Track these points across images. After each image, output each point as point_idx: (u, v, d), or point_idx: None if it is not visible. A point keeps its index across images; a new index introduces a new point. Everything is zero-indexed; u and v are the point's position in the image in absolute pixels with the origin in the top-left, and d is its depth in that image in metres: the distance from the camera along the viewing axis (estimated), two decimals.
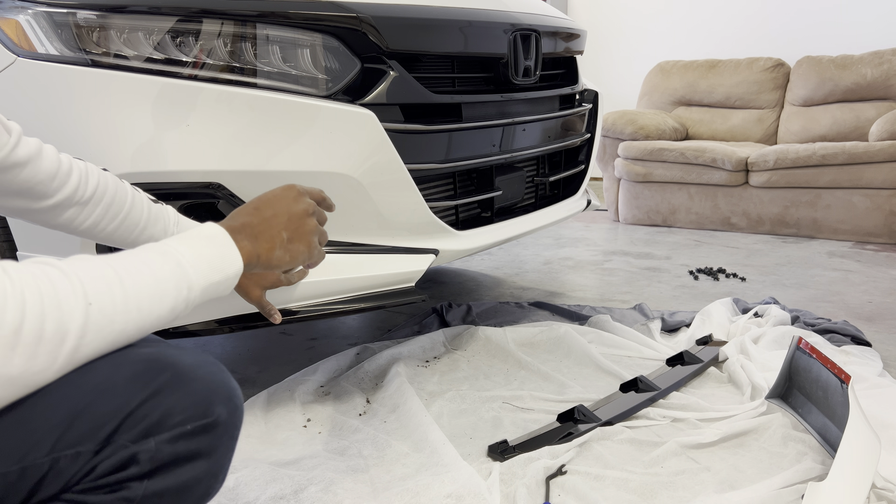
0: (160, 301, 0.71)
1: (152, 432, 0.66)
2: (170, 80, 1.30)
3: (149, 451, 0.65)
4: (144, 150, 1.29)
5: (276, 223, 0.90)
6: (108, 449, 0.64)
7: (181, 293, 0.74)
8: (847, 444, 1.19)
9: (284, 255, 0.90)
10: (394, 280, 1.50)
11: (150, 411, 0.66)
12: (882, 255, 3.13)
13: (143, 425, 0.65)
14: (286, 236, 0.91)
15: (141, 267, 0.71)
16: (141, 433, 0.65)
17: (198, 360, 0.72)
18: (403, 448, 1.39)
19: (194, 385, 0.69)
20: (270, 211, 0.91)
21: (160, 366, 0.68)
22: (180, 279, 0.74)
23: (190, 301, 0.76)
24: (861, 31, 4.38)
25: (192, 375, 0.69)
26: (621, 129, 3.98)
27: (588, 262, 3.06)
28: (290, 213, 0.92)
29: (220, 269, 0.80)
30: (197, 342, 2.08)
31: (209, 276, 0.78)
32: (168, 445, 0.66)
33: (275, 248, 0.89)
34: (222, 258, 0.81)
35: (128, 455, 0.65)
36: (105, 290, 0.66)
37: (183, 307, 0.75)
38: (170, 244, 0.77)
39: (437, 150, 1.59)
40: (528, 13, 1.83)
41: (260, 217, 0.90)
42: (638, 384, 1.63)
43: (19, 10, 1.31)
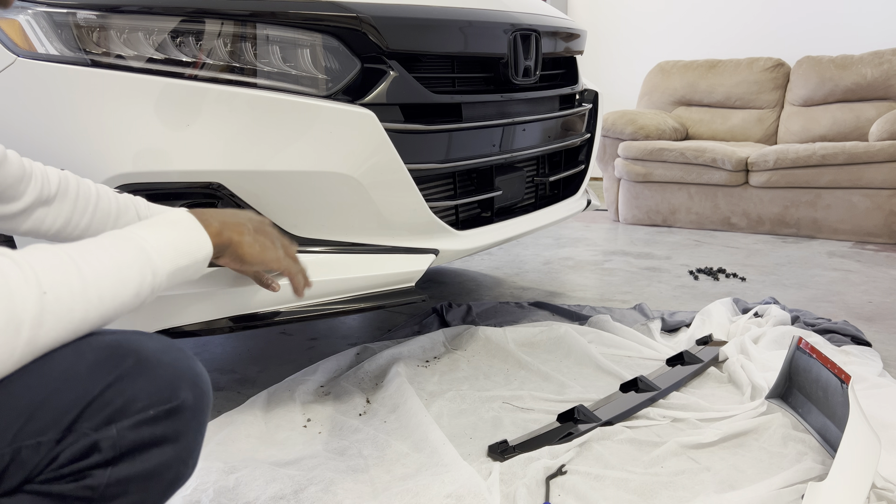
0: (123, 287, 0.71)
1: (114, 419, 0.65)
2: (170, 80, 1.30)
3: (110, 438, 0.65)
4: (144, 151, 1.29)
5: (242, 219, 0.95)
6: (70, 437, 0.64)
7: (145, 278, 0.74)
8: (847, 444, 1.19)
9: (254, 243, 0.92)
10: (394, 280, 1.50)
11: (113, 398, 0.65)
12: (882, 255, 3.13)
13: (106, 412, 0.65)
14: (251, 227, 0.93)
15: (100, 254, 0.71)
16: (103, 420, 0.65)
17: (162, 346, 0.71)
18: (403, 448, 1.39)
19: (158, 370, 0.68)
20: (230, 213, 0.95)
21: (123, 352, 0.68)
22: (144, 264, 0.74)
23: (156, 286, 0.76)
24: (861, 31, 4.38)
25: (155, 361, 0.69)
26: (621, 129, 3.98)
27: (588, 262, 3.06)
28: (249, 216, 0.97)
29: (188, 253, 0.80)
30: (197, 342, 2.08)
31: (175, 260, 0.78)
32: (131, 432, 0.66)
33: (244, 234, 0.91)
34: (189, 241, 0.81)
35: (89, 443, 0.64)
36: (61, 278, 0.66)
37: (148, 292, 0.75)
38: (133, 230, 0.77)
39: (437, 150, 1.59)
40: (528, 13, 1.83)
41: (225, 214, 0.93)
42: (638, 384, 1.63)
43: (19, 10, 1.31)
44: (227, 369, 1.88)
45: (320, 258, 1.43)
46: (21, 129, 1.32)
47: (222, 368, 1.89)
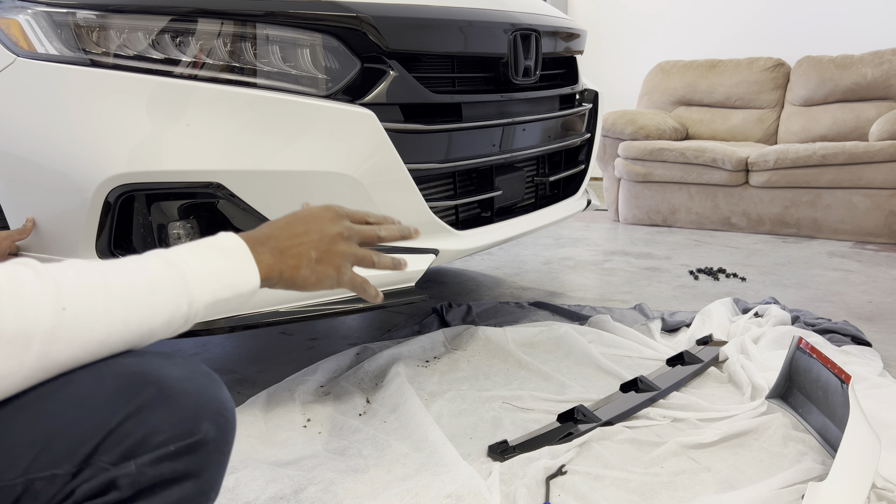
0: (153, 314, 0.67)
1: (133, 454, 0.61)
2: (170, 80, 1.30)
3: (129, 476, 0.61)
4: (144, 150, 1.29)
5: (307, 241, 0.84)
6: (87, 472, 0.60)
7: (180, 308, 0.70)
8: (847, 444, 1.19)
9: (311, 275, 0.84)
10: (394, 280, 1.50)
11: (132, 430, 0.61)
12: (882, 255, 3.13)
13: (124, 446, 0.61)
14: (314, 255, 0.84)
15: (137, 275, 0.67)
16: (121, 455, 0.61)
17: (186, 373, 0.67)
18: (403, 448, 1.39)
19: (180, 401, 0.64)
20: (302, 227, 0.84)
21: (144, 380, 0.64)
22: (180, 293, 0.70)
23: (191, 317, 0.72)
24: (861, 31, 4.38)
25: (178, 390, 0.65)
26: (621, 129, 3.98)
27: (588, 262, 3.06)
28: (323, 232, 0.85)
29: (231, 286, 0.75)
30: (197, 342, 2.08)
31: (217, 292, 0.73)
32: (151, 468, 0.62)
33: (301, 267, 0.82)
34: (236, 274, 0.75)
35: (107, 479, 0.60)
36: (85, 296, 0.63)
37: (181, 322, 0.71)
38: (178, 252, 0.72)
39: (437, 150, 1.58)
40: (528, 13, 1.83)
41: (290, 232, 0.83)
42: (638, 384, 1.62)
43: (19, 10, 1.31)
44: (227, 369, 1.88)
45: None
46: (21, 129, 1.32)
47: (222, 368, 1.88)
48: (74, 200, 1.31)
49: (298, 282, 0.83)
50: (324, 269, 0.85)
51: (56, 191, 1.32)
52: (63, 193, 1.32)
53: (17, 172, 1.34)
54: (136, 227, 1.35)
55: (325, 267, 0.85)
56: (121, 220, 1.34)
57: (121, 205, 1.32)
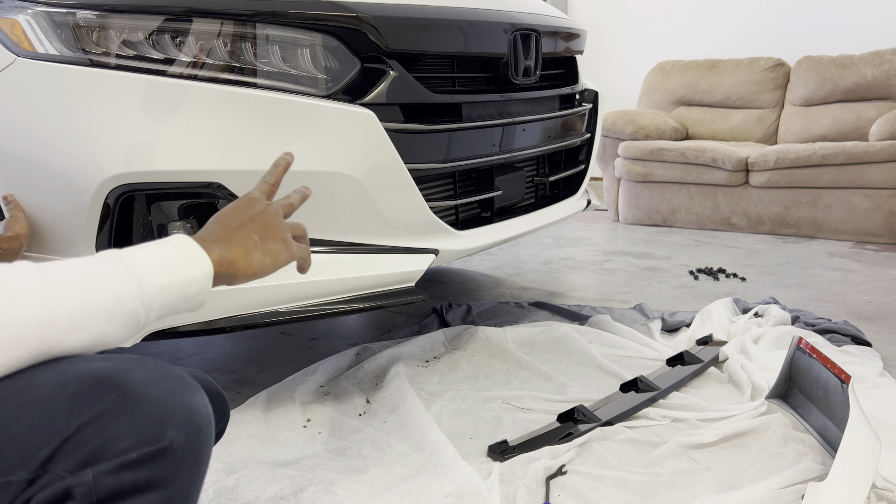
0: (96, 290, 0.66)
1: (91, 462, 0.59)
2: (170, 80, 1.30)
3: (85, 485, 0.58)
4: (144, 150, 1.29)
5: (242, 228, 0.84)
6: (43, 479, 0.58)
7: (128, 287, 0.68)
8: (847, 444, 1.19)
9: (264, 256, 0.84)
10: (394, 280, 1.50)
11: (91, 437, 0.59)
12: (882, 255, 3.13)
13: (82, 453, 0.59)
14: (256, 238, 0.84)
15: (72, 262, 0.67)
16: (78, 462, 0.58)
17: (154, 377, 0.65)
18: (403, 448, 1.39)
19: (144, 406, 0.62)
20: (231, 219, 0.85)
21: (107, 384, 0.62)
22: (124, 273, 0.69)
23: (145, 298, 0.70)
24: (861, 31, 4.38)
25: (142, 395, 0.62)
26: (621, 129, 3.98)
27: (588, 262, 3.06)
28: (251, 215, 0.86)
29: (181, 268, 0.74)
30: (197, 342, 2.08)
31: (166, 273, 0.72)
32: (109, 477, 0.59)
33: (251, 252, 0.83)
34: (183, 258, 0.75)
35: (63, 487, 0.58)
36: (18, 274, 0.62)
37: (136, 303, 0.69)
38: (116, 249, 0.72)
39: (437, 150, 1.58)
40: (528, 13, 1.82)
41: (225, 228, 0.84)
42: (638, 384, 1.62)
43: (19, 10, 1.31)
44: (227, 369, 1.88)
45: (320, 258, 1.43)
46: (21, 129, 1.32)
47: (222, 368, 1.88)
48: (74, 200, 1.31)
49: (256, 267, 0.83)
50: (272, 245, 0.85)
51: (56, 191, 1.32)
52: (63, 193, 1.32)
53: (17, 172, 1.34)
54: (136, 227, 1.35)
55: (272, 244, 0.85)
56: (121, 220, 1.34)
57: (121, 205, 1.32)
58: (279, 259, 0.86)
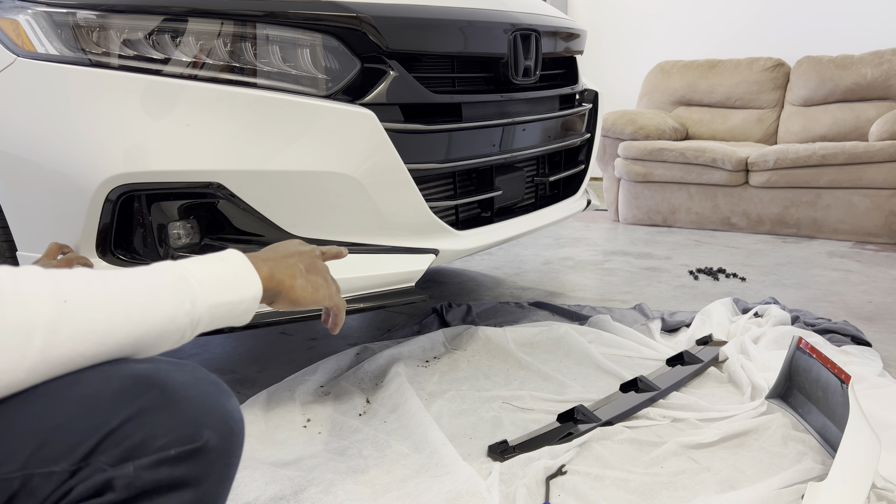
0: (154, 308, 0.68)
1: (132, 456, 0.61)
2: (170, 80, 1.30)
3: (126, 477, 0.60)
4: (144, 150, 1.29)
5: (292, 257, 0.90)
6: (85, 471, 0.59)
7: (182, 305, 0.71)
8: (847, 444, 1.19)
9: (307, 285, 0.88)
10: (394, 280, 1.50)
11: (132, 432, 0.61)
12: (882, 255, 3.13)
13: (123, 447, 0.60)
14: (303, 267, 0.89)
15: (134, 275, 0.69)
16: (119, 456, 0.60)
17: (192, 379, 0.67)
18: (403, 448, 1.39)
19: (183, 405, 0.64)
20: (282, 250, 0.91)
21: (149, 382, 0.64)
22: (181, 290, 0.71)
23: (196, 316, 0.72)
24: (861, 31, 4.38)
25: (181, 395, 0.64)
26: (621, 129, 3.98)
27: (588, 262, 3.06)
28: (300, 251, 0.92)
29: (233, 289, 0.76)
30: (197, 342, 2.08)
31: (219, 294, 0.74)
32: (148, 472, 0.61)
33: (296, 277, 0.87)
34: (236, 278, 0.78)
35: (104, 479, 0.60)
36: (84, 288, 0.64)
37: (186, 321, 0.71)
38: (178, 261, 0.74)
39: (437, 150, 1.58)
40: (528, 13, 1.83)
41: (274, 253, 0.89)
42: (638, 384, 1.63)
43: (19, 10, 1.31)
44: (227, 369, 1.88)
45: None
46: (21, 129, 1.32)
47: (222, 368, 1.88)
48: (75, 200, 1.31)
49: (298, 292, 0.87)
50: (315, 278, 0.90)
51: (56, 191, 1.32)
52: (63, 193, 1.32)
53: (17, 172, 1.34)
54: (136, 227, 1.35)
55: (315, 276, 0.90)
56: (121, 220, 1.34)
57: (121, 205, 1.32)
58: (320, 293, 0.90)
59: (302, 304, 0.88)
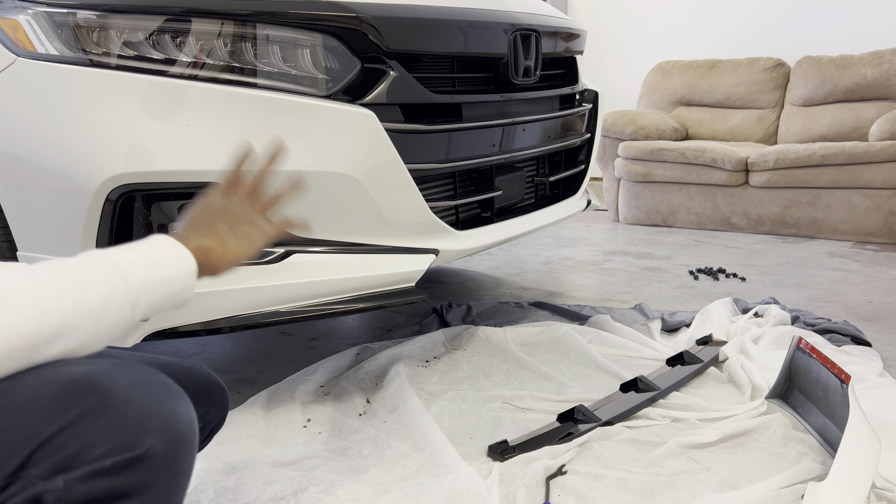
0: (86, 291, 0.66)
1: (64, 468, 0.57)
2: (170, 81, 1.30)
3: (56, 492, 0.57)
4: (144, 150, 1.29)
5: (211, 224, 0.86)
6: (16, 485, 0.57)
7: (115, 285, 0.68)
8: (847, 444, 1.19)
9: (237, 241, 0.85)
10: (394, 280, 1.50)
11: (66, 442, 0.57)
12: (882, 255, 3.13)
13: (56, 459, 0.57)
14: (225, 227, 0.86)
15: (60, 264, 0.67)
16: (52, 468, 0.57)
17: (135, 381, 0.63)
18: (403, 448, 1.39)
19: (122, 410, 0.60)
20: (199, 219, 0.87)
21: (87, 387, 0.60)
22: (111, 272, 0.69)
23: (131, 294, 0.70)
24: (861, 31, 4.38)
25: (121, 398, 0.61)
26: (621, 129, 3.98)
27: (588, 262, 3.06)
28: (210, 210, 0.88)
29: (165, 265, 0.75)
30: (197, 342, 2.08)
31: (151, 271, 0.73)
32: (81, 484, 0.57)
33: (224, 239, 0.84)
34: (166, 255, 0.76)
35: (33, 494, 0.57)
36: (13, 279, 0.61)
37: (122, 301, 0.69)
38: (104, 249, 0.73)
39: (437, 150, 1.59)
40: (528, 13, 1.83)
41: (192, 224, 0.85)
42: (638, 384, 1.63)
43: (19, 10, 1.31)
44: (228, 369, 1.88)
45: (320, 258, 1.43)
46: (21, 130, 1.32)
47: (222, 368, 1.89)
48: (75, 200, 1.31)
49: (234, 251, 0.85)
50: (242, 229, 0.87)
51: (56, 191, 1.32)
52: (63, 193, 1.32)
53: (17, 172, 1.34)
54: (136, 228, 1.35)
55: (242, 227, 0.87)
56: (121, 220, 1.34)
57: (121, 205, 1.32)
58: (254, 240, 0.88)
59: (243, 258, 0.86)
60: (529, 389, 1.67)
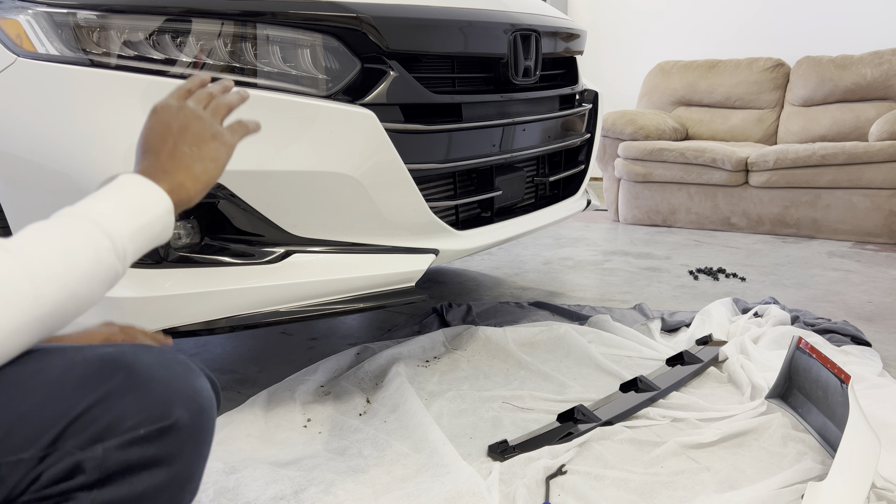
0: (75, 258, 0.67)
1: (101, 438, 0.61)
2: (170, 80, 1.30)
3: (95, 459, 0.60)
4: None
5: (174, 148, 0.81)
6: (53, 456, 0.60)
7: (101, 244, 0.69)
8: (847, 443, 1.19)
9: (206, 164, 0.82)
10: (394, 280, 1.50)
11: (100, 415, 0.61)
12: (882, 255, 3.13)
13: (91, 431, 0.61)
14: (189, 150, 0.81)
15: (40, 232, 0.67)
16: (88, 439, 0.60)
17: (159, 360, 0.67)
18: (403, 448, 1.39)
19: (151, 386, 0.64)
20: (158, 143, 0.81)
21: (115, 366, 0.64)
22: (94, 233, 0.70)
23: (119, 249, 0.71)
24: (861, 31, 4.38)
25: (148, 376, 0.64)
26: (621, 129, 3.98)
27: (588, 262, 3.06)
28: (170, 126, 0.82)
29: (144, 211, 0.74)
30: (197, 342, 2.08)
31: (132, 220, 0.73)
32: (118, 452, 0.61)
33: (192, 167, 0.81)
34: (142, 199, 0.75)
35: (73, 462, 0.60)
36: None
37: (112, 257, 0.70)
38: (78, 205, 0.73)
39: (437, 150, 1.59)
40: (528, 13, 1.83)
41: (157, 156, 0.81)
42: (638, 384, 1.63)
43: (19, 10, 1.31)
44: (227, 369, 1.88)
45: (320, 258, 1.43)
46: (22, 129, 1.32)
47: (222, 368, 1.89)
48: (75, 200, 1.31)
49: (204, 178, 0.82)
50: (207, 148, 0.83)
51: (56, 191, 1.32)
52: (63, 193, 1.32)
53: (17, 172, 1.34)
54: None
55: (206, 147, 0.83)
56: None
57: None
58: (221, 158, 0.84)
59: (215, 180, 0.83)
60: (529, 389, 1.67)
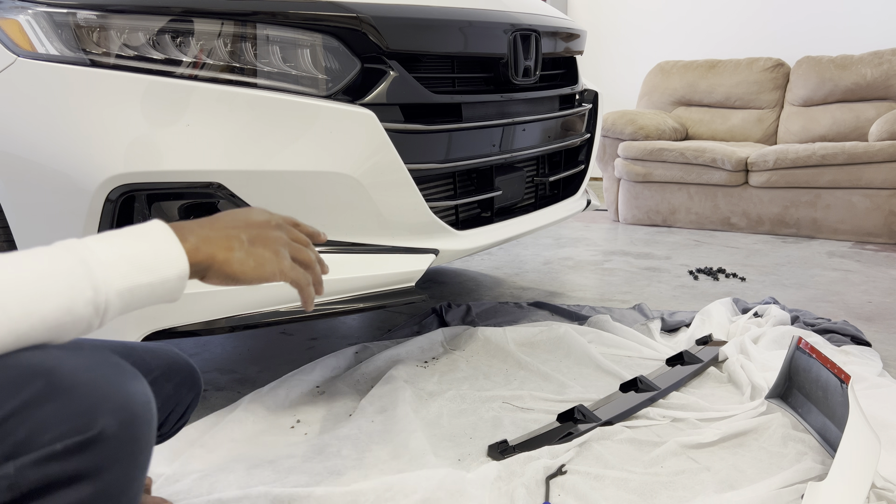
0: (41, 301, 0.61)
1: (14, 454, 0.56)
2: (170, 80, 1.30)
3: (7, 478, 0.56)
4: (145, 150, 1.29)
5: (235, 226, 0.78)
6: None
7: (81, 293, 0.63)
8: (847, 443, 1.19)
9: (247, 258, 0.76)
10: (394, 280, 1.50)
11: (14, 428, 0.57)
12: (882, 255, 3.13)
13: (4, 446, 0.56)
14: (246, 238, 0.77)
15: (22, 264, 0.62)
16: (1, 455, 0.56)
17: (86, 364, 0.62)
18: (382, 454, 1.37)
19: (72, 393, 0.59)
20: (228, 218, 0.79)
21: (34, 372, 0.59)
22: (78, 277, 0.63)
23: (99, 303, 0.64)
24: (861, 31, 4.38)
25: (70, 382, 0.59)
26: (621, 129, 3.99)
27: (588, 262, 3.06)
28: (249, 220, 0.80)
29: (151, 269, 0.68)
30: (197, 342, 2.08)
31: (130, 276, 0.66)
32: (33, 469, 0.56)
33: (233, 249, 0.75)
34: (155, 254, 0.69)
35: None
36: None
37: (88, 310, 0.64)
38: (83, 240, 0.67)
39: (437, 150, 1.59)
40: (527, 13, 1.83)
41: (214, 223, 0.78)
42: (638, 384, 1.63)
43: (19, 10, 1.31)
44: (227, 369, 1.88)
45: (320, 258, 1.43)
46: (21, 129, 1.32)
47: (222, 368, 1.89)
48: (75, 200, 1.31)
49: (235, 266, 0.75)
50: (260, 251, 0.78)
51: (56, 191, 1.32)
52: (63, 193, 1.32)
53: (17, 172, 1.34)
54: None
55: (261, 249, 0.78)
56: (121, 220, 1.34)
57: (121, 205, 1.32)
58: (265, 267, 0.78)
59: (241, 279, 0.76)
60: (529, 389, 1.67)
